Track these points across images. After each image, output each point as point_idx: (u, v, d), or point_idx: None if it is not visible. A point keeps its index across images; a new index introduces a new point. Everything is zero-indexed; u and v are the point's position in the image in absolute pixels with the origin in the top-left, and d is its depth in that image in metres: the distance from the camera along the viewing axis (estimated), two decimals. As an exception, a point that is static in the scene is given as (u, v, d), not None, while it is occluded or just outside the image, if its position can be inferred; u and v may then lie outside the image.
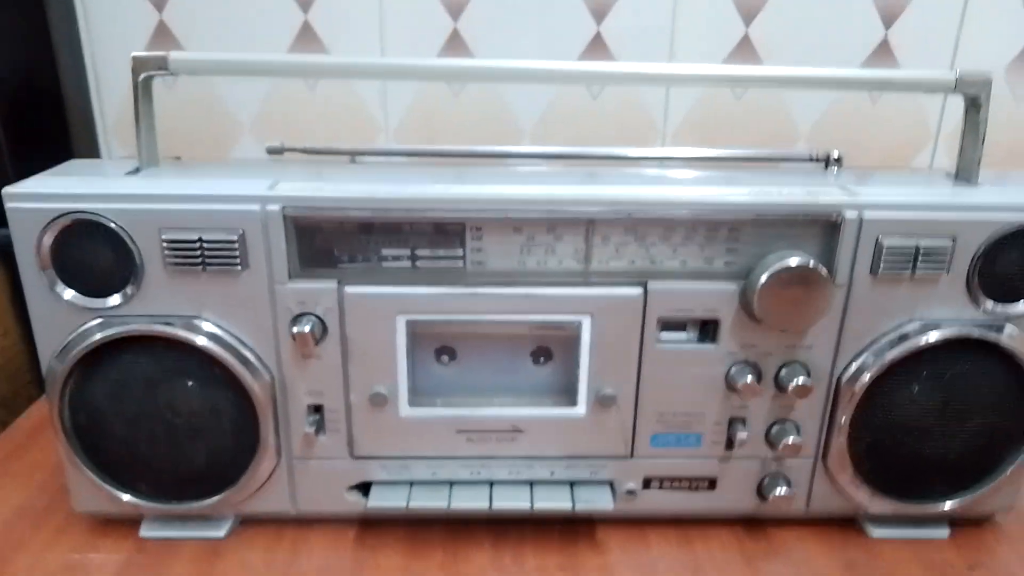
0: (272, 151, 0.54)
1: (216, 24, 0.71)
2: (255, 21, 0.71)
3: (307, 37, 0.71)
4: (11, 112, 0.70)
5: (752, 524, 0.54)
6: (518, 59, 0.46)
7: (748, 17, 0.72)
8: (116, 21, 0.71)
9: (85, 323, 0.46)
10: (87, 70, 0.73)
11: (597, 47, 0.72)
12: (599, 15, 0.71)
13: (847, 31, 0.73)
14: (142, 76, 0.48)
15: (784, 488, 0.51)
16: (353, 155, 0.54)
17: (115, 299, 0.46)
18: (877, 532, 0.53)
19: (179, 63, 0.47)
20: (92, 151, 0.75)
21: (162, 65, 0.47)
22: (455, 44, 0.72)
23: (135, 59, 0.47)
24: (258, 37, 0.71)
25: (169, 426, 0.48)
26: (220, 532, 0.52)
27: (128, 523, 0.52)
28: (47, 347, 0.47)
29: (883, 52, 0.73)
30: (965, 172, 0.50)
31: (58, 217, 0.44)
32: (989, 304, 0.47)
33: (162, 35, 0.71)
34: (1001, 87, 0.75)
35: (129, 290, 0.46)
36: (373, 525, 0.53)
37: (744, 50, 0.73)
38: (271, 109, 0.74)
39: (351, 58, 0.49)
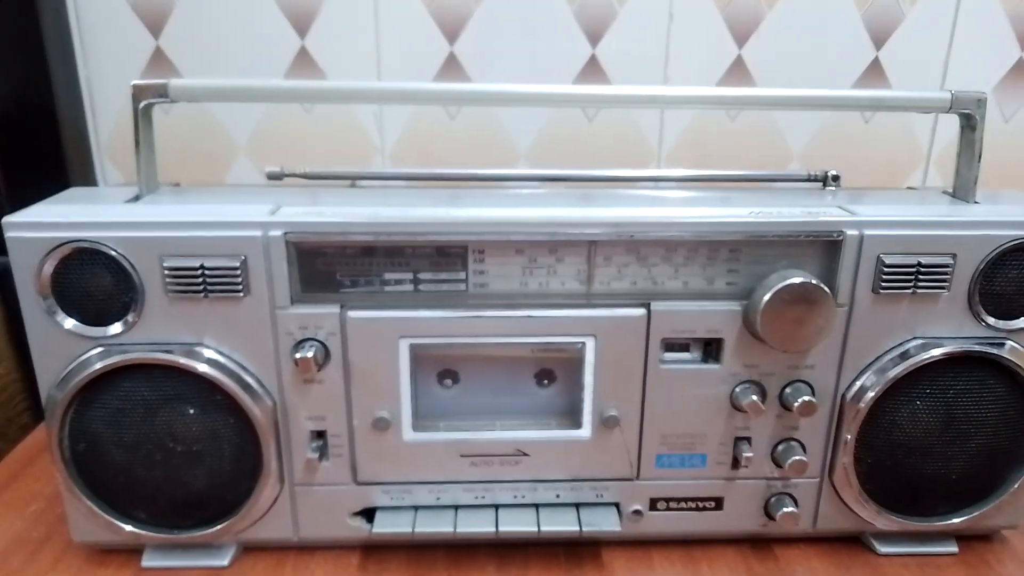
0: (272, 176, 0.54)
1: (213, 49, 0.71)
2: (252, 46, 0.71)
3: (304, 61, 0.72)
4: (7, 135, 0.69)
5: (759, 543, 0.54)
6: (514, 82, 0.46)
7: (741, 39, 0.73)
8: (112, 47, 0.72)
9: (85, 351, 0.46)
10: (83, 94, 0.73)
11: (592, 69, 0.73)
12: (594, 38, 0.72)
13: (839, 52, 0.74)
14: (142, 104, 0.47)
15: (790, 507, 0.51)
16: (353, 180, 0.54)
17: (116, 327, 0.45)
18: (884, 549, 0.53)
19: (179, 90, 0.47)
20: (87, 174, 0.75)
21: (162, 93, 0.47)
22: (451, 67, 0.72)
23: (135, 87, 0.47)
24: (255, 62, 0.71)
25: (170, 453, 0.48)
26: (223, 561, 0.51)
27: (127, 553, 0.51)
28: (46, 376, 0.47)
29: (874, 72, 0.74)
30: (962, 190, 0.50)
31: (59, 246, 0.44)
32: (990, 320, 0.47)
33: (159, 60, 0.72)
34: (990, 106, 0.76)
35: (130, 317, 0.45)
36: (376, 551, 0.53)
37: (737, 71, 0.74)
38: (268, 130, 0.74)
39: (349, 82, 0.49)
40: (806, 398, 0.47)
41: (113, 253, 0.44)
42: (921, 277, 0.46)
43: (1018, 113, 0.77)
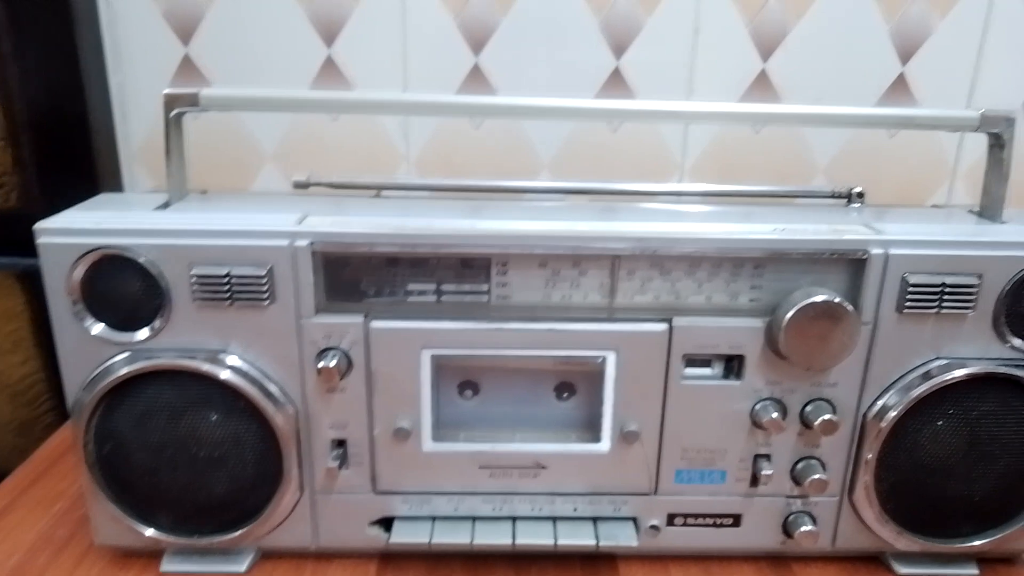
0: (299, 185, 0.54)
1: (240, 57, 0.72)
2: (279, 55, 0.72)
3: (330, 71, 0.72)
4: (40, 140, 0.71)
5: (776, 560, 0.54)
6: (538, 92, 0.46)
7: (766, 52, 0.73)
8: (143, 54, 0.72)
9: (112, 356, 0.46)
10: (112, 100, 0.74)
11: (616, 81, 0.73)
12: (619, 50, 0.72)
13: (864, 66, 0.73)
14: (173, 112, 0.48)
15: (809, 525, 0.51)
16: (378, 189, 0.55)
17: (143, 333, 0.46)
18: (903, 570, 0.52)
19: (210, 100, 0.48)
20: (116, 179, 0.76)
21: (194, 102, 0.48)
22: (476, 77, 0.73)
23: (167, 95, 0.48)
24: (282, 70, 0.72)
25: (193, 458, 0.48)
26: (241, 567, 0.51)
27: (148, 556, 0.52)
28: (73, 379, 0.47)
29: (900, 87, 0.74)
30: (989, 210, 0.50)
31: (89, 251, 0.45)
32: (1016, 342, 0.47)
33: (187, 68, 0.72)
34: (1018, 123, 0.75)
35: (157, 323, 0.46)
36: (393, 559, 0.53)
37: (762, 85, 0.73)
38: (294, 138, 0.75)
39: (377, 94, 0.49)
40: (827, 416, 0.47)
41: (142, 260, 0.45)
42: (946, 297, 0.46)
43: (1046, 130, 0.76)
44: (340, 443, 0.49)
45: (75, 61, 0.70)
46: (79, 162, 0.72)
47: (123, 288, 0.45)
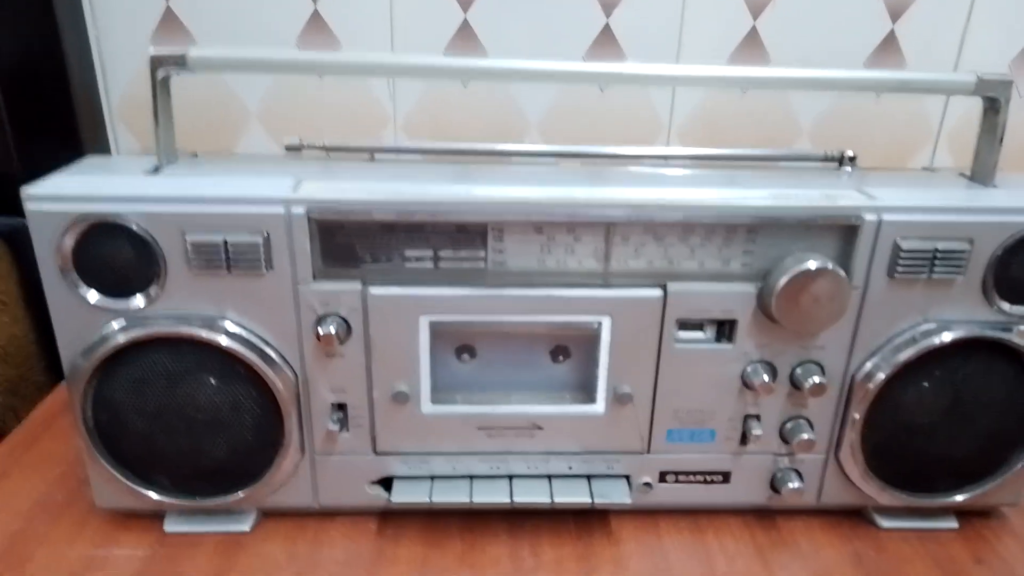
0: (291, 148, 0.53)
1: (224, 10, 0.70)
2: (264, 8, 0.70)
3: (316, 26, 0.71)
4: (17, 98, 0.69)
5: (763, 514, 0.55)
6: (527, 49, 0.46)
7: (756, 10, 0.72)
8: (122, 6, 0.70)
9: (108, 323, 0.46)
10: (93, 55, 0.72)
11: (606, 38, 0.72)
12: (608, 7, 0.71)
13: (854, 24, 0.73)
14: (160, 74, 0.47)
15: (796, 482, 0.52)
16: (372, 152, 0.54)
17: (139, 300, 0.46)
18: (886, 523, 0.54)
19: (198, 61, 0.47)
20: (100, 138, 0.74)
21: (181, 63, 0.47)
22: (465, 34, 0.71)
23: (153, 57, 0.47)
24: (267, 23, 0.70)
25: (193, 423, 0.49)
26: (244, 526, 0.52)
27: (150, 517, 0.53)
28: (68, 344, 0.47)
29: (890, 45, 0.74)
30: (981, 174, 0.50)
31: (79, 218, 0.44)
32: (1004, 306, 0.48)
33: (169, 21, 0.70)
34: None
35: (152, 291, 0.46)
36: (393, 517, 0.54)
37: (752, 43, 0.73)
38: (279, 97, 0.73)
39: (365, 56, 0.48)
40: (816, 379, 0.48)
41: (135, 227, 0.44)
42: (937, 262, 0.46)
43: (1035, 88, 0.76)
44: (340, 406, 0.50)
45: (51, 13, 0.68)
46: (59, 119, 0.70)
47: (116, 256, 0.45)
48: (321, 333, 0.46)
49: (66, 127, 0.71)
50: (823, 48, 0.73)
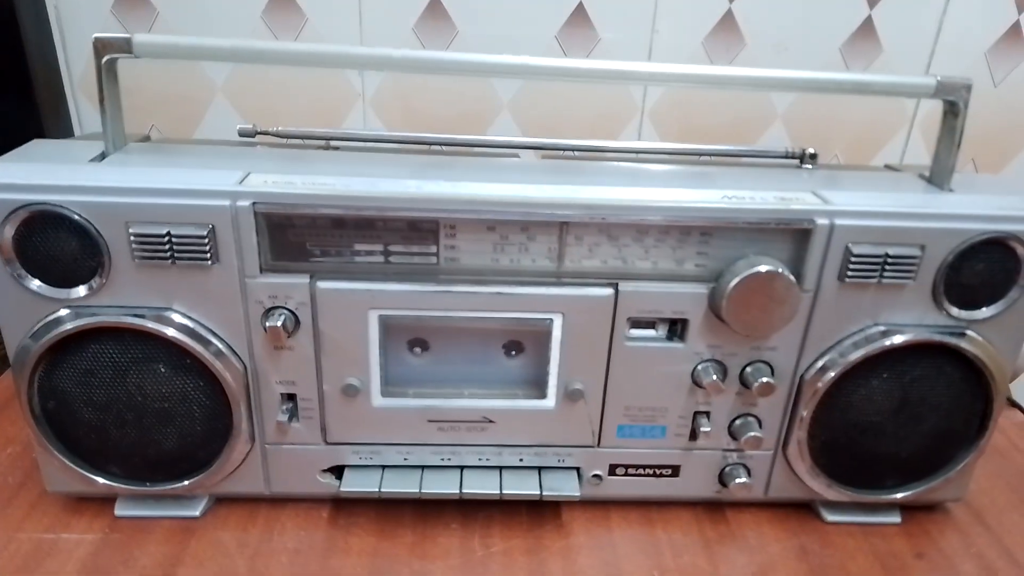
0: (244, 133, 0.52)
1: (185, -18, 0.68)
2: (226, -19, 0.68)
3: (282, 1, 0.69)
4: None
5: (712, 507, 0.56)
6: (499, 26, 0.44)
7: (733, -9, 0.71)
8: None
9: (53, 312, 0.46)
10: (52, 28, 0.70)
11: (579, 18, 0.71)
12: (582, -16, 0.70)
13: (831, 8, 0.72)
14: (105, 59, 0.46)
15: (744, 478, 0.53)
16: (328, 140, 0.53)
17: (81, 291, 0.45)
18: (831, 517, 0.55)
19: (144, 47, 0.45)
20: (59, 110, 0.72)
21: (125, 48, 0.45)
22: (436, 11, 0.70)
23: (97, 40, 0.45)
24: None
25: (141, 413, 0.48)
26: (195, 511, 0.52)
27: (101, 501, 0.53)
28: (13, 332, 0.47)
29: (866, 31, 0.73)
30: (938, 177, 0.50)
31: (19, 208, 0.43)
32: (953, 311, 0.48)
33: (129, -7, 0.68)
34: (982, 70, 0.75)
35: (95, 283, 0.45)
36: (346, 504, 0.54)
37: (727, 25, 0.72)
38: (247, 72, 0.72)
39: (330, 48, 0.47)
40: (765, 379, 0.48)
41: (77, 217, 0.43)
42: (888, 267, 0.46)
43: (1008, 77, 0.76)
44: (290, 397, 0.50)
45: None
46: (16, 91, 0.69)
47: (58, 246, 0.44)
48: (268, 326, 0.46)
49: (24, 99, 0.69)
50: (799, 32, 0.72)
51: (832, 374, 0.49)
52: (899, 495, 0.54)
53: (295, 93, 0.72)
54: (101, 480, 0.51)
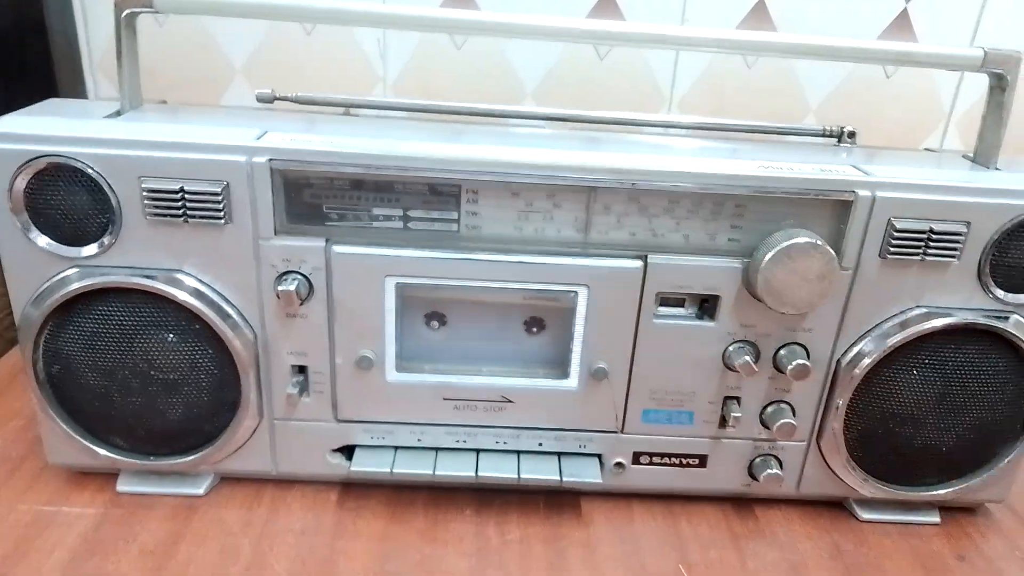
0: (262, 98, 0.51)
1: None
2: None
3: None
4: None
5: (740, 503, 0.53)
6: (525, 11, 0.43)
7: (765, -19, 0.69)
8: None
9: (61, 271, 0.44)
10: (74, 6, 0.70)
11: (607, 5, 0.69)
12: (610, -29, 0.68)
13: (866, 1, 0.70)
14: (125, 13, 0.45)
15: (775, 469, 0.50)
16: (347, 107, 0.52)
17: (91, 248, 0.44)
18: (866, 515, 0.52)
19: (165, 1, 0.44)
20: (77, 88, 0.72)
21: (146, 2, 0.44)
22: (459, -7, 0.69)
23: (118, -7, 0.44)
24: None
25: (148, 380, 0.47)
26: (199, 489, 0.50)
27: (104, 476, 0.51)
28: (20, 293, 0.45)
29: (902, 23, 0.71)
30: (983, 155, 0.48)
31: (32, 159, 0.42)
32: (999, 293, 0.46)
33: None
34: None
35: (106, 240, 0.44)
36: (355, 487, 0.52)
37: (759, 14, 0.70)
38: (266, 52, 0.71)
39: (352, 4, 0.46)
40: (800, 362, 0.46)
41: (89, 171, 0.42)
42: (932, 244, 0.44)
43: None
44: (301, 369, 0.48)
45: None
46: (37, 71, 0.68)
47: (69, 200, 0.43)
48: (280, 291, 0.44)
49: (44, 78, 0.69)
50: (833, 25, 0.71)
51: (870, 360, 0.46)
52: (939, 492, 0.51)
53: (314, 75, 0.71)
54: (103, 452, 0.49)
